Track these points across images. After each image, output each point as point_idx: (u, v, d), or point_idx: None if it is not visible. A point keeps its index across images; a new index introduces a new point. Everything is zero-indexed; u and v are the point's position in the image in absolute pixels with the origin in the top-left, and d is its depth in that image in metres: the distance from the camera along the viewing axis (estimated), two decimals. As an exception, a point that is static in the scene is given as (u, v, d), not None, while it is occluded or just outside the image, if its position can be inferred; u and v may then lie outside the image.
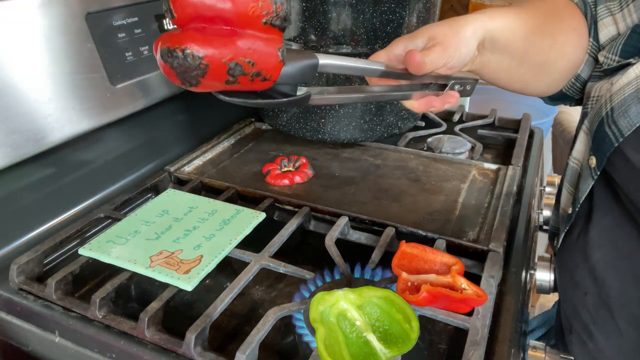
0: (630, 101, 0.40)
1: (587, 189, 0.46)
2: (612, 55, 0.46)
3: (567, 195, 0.52)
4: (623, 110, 0.40)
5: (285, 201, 0.62)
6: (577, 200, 0.48)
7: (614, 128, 0.41)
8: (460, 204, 0.61)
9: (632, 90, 0.40)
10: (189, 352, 0.41)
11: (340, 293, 0.42)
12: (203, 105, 0.83)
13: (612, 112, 0.41)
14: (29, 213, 0.58)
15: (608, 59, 0.46)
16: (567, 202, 0.52)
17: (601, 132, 0.42)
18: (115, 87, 0.62)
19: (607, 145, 0.41)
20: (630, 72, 0.42)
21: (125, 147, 0.69)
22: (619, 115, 0.40)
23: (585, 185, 0.46)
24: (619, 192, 0.44)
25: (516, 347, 0.44)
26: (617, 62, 0.45)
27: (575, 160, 0.50)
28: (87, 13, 0.59)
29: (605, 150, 0.42)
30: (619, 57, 0.45)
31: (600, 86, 0.46)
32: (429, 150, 0.78)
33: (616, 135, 0.40)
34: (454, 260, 0.47)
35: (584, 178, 0.46)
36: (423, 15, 0.71)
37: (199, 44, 0.29)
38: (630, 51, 0.44)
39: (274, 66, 0.33)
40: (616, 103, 0.41)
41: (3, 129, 0.51)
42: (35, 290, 0.49)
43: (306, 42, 0.69)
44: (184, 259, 0.49)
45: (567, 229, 0.51)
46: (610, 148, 0.41)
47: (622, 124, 0.40)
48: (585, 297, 0.48)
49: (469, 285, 0.43)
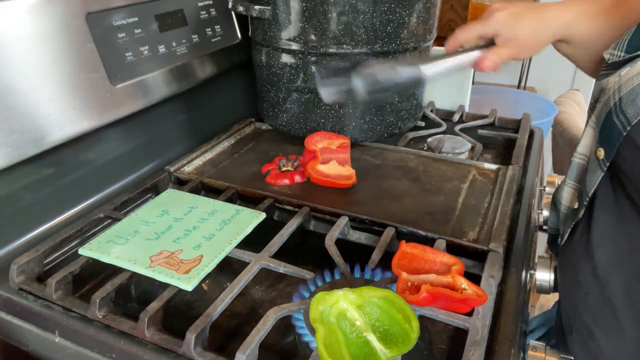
0: (639, 90, 0.39)
1: (597, 181, 0.45)
2: (617, 51, 0.46)
3: (571, 192, 0.52)
4: (631, 99, 0.40)
5: (285, 201, 0.62)
6: (584, 194, 0.47)
7: (621, 117, 0.40)
8: (460, 204, 0.61)
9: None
10: (189, 352, 0.41)
11: (340, 293, 0.42)
12: (203, 106, 0.83)
13: (621, 101, 0.41)
14: (29, 213, 0.58)
15: (614, 55, 0.46)
16: (572, 198, 0.52)
17: (609, 122, 0.42)
18: (115, 87, 0.62)
19: (616, 134, 0.41)
20: (639, 63, 0.42)
21: (125, 147, 0.69)
22: (627, 104, 0.40)
23: (594, 178, 0.45)
24: (626, 185, 0.44)
25: (516, 347, 0.44)
26: (622, 57, 0.45)
27: (581, 155, 0.50)
28: (87, 13, 0.59)
29: (614, 140, 0.41)
30: (625, 53, 0.45)
31: (608, 80, 0.46)
32: (429, 150, 0.78)
33: (624, 124, 0.40)
34: (454, 260, 0.47)
35: (592, 171, 0.46)
36: (423, 15, 0.71)
37: None
38: (636, 46, 0.44)
39: None
40: (625, 93, 0.41)
41: (3, 129, 0.51)
42: (35, 290, 0.49)
43: (306, 42, 0.69)
44: (184, 259, 0.49)
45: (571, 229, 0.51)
46: (618, 137, 0.41)
47: (630, 112, 0.39)
48: (586, 297, 0.48)
49: (469, 285, 0.43)
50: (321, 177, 0.65)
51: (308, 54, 0.70)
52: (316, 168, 0.65)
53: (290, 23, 0.69)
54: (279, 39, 0.71)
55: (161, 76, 0.69)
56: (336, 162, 0.67)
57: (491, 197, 0.63)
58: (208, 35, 0.78)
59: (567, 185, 0.52)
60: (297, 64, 0.72)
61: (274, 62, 0.74)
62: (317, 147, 0.67)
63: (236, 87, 0.90)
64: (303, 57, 0.71)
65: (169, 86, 0.71)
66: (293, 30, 0.69)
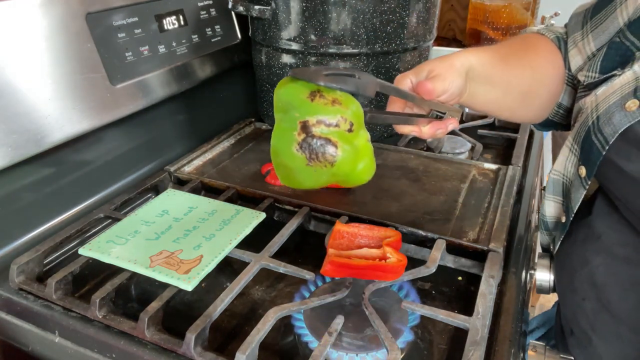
0: (614, 109, 0.40)
1: (580, 198, 0.46)
2: (591, 73, 0.47)
3: (553, 205, 0.53)
4: (607, 117, 0.40)
5: (285, 201, 0.62)
6: (570, 209, 0.48)
7: (599, 136, 0.41)
8: (460, 204, 0.61)
9: (617, 98, 0.41)
10: (189, 352, 0.41)
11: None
12: (203, 105, 0.83)
13: (598, 120, 0.42)
14: (29, 213, 0.58)
15: (588, 77, 0.48)
16: (556, 211, 0.53)
17: (588, 141, 0.43)
18: (115, 87, 0.62)
19: (595, 154, 0.42)
20: (615, 81, 0.42)
21: (125, 147, 0.69)
22: (604, 123, 0.41)
23: (577, 195, 0.46)
24: (617, 204, 0.45)
25: (516, 347, 0.44)
26: (597, 78, 0.47)
27: (557, 172, 0.51)
28: (87, 13, 0.59)
29: (594, 160, 0.42)
30: (599, 74, 0.46)
31: (585, 100, 0.47)
32: (429, 150, 0.78)
33: (602, 144, 0.41)
34: (391, 232, 0.51)
35: (576, 188, 0.46)
36: (423, 15, 0.71)
37: None
38: (609, 66, 0.46)
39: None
40: (602, 111, 0.41)
41: (3, 129, 0.51)
42: (35, 290, 0.49)
43: (306, 42, 0.69)
44: (184, 259, 0.49)
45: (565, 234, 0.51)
46: (598, 157, 0.41)
47: (607, 132, 0.40)
48: (583, 303, 0.48)
49: (392, 254, 0.46)
50: None
51: (308, 54, 0.70)
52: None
53: (290, 23, 0.69)
54: (279, 39, 0.71)
55: (161, 76, 0.69)
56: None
57: (491, 197, 0.63)
58: (208, 35, 0.78)
59: (547, 199, 0.53)
60: (297, 64, 0.72)
61: (274, 62, 0.74)
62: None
63: (236, 87, 0.90)
64: (303, 57, 0.71)
65: (169, 86, 0.71)
66: (293, 30, 0.69)
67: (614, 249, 0.46)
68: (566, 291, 0.52)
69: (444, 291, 0.53)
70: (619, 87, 0.41)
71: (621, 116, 0.39)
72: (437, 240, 0.53)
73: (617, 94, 0.41)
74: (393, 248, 0.48)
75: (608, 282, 0.46)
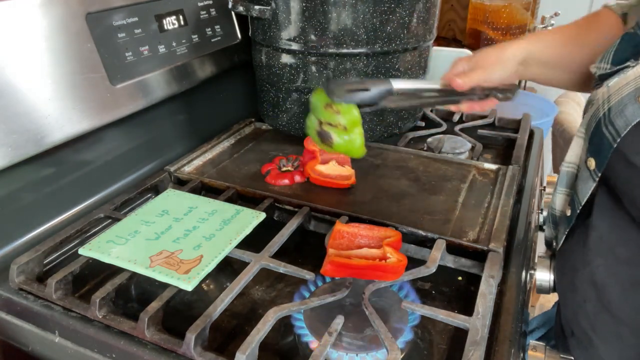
0: (627, 101, 0.40)
1: (588, 191, 0.45)
2: (604, 64, 0.47)
3: (564, 198, 0.52)
4: (620, 109, 0.40)
5: (285, 201, 0.62)
6: (576, 202, 0.47)
7: (610, 128, 0.41)
8: (460, 204, 0.61)
9: (631, 89, 0.40)
10: (189, 352, 0.41)
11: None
12: (203, 106, 0.83)
13: (610, 112, 0.41)
14: (29, 213, 0.58)
15: (600, 68, 0.47)
16: (564, 204, 0.52)
17: (599, 133, 0.42)
18: (115, 87, 0.62)
19: (606, 146, 0.41)
20: (629, 73, 0.42)
21: (125, 147, 0.69)
22: (616, 115, 0.40)
23: (585, 188, 0.45)
24: (622, 199, 0.44)
25: (516, 347, 0.44)
26: (610, 69, 0.46)
27: (569, 164, 0.50)
28: (87, 13, 0.59)
29: (604, 152, 0.42)
30: (611, 65, 0.46)
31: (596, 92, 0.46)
32: (429, 150, 0.78)
33: (613, 136, 0.40)
34: (390, 232, 0.52)
35: (584, 180, 0.46)
36: (423, 15, 0.71)
37: None
38: (622, 57, 0.45)
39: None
40: (614, 103, 0.41)
41: (3, 129, 0.51)
42: (35, 290, 0.49)
43: (306, 42, 0.69)
44: (184, 259, 0.49)
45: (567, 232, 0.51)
46: (609, 149, 0.41)
47: (619, 124, 0.40)
48: (584, 304, 0.48)
49: (392, 254, 0.47)
50: (320, 177, 0.65)
51: (308, 54, 0.70)
52: (315, 168, 0.65)
53: (290, 23, 0.69)
54: (279, 39, 0.71)
55: (161, 76, 0.69)
56: (336, 162, 0.67)
57: (491, 197, 0.63)
58: (208, 35, 0.78)
59: (559, 192, 0.53)
60: (297, 64, 0.72)
61: (274, 62, 0.74)
62: (317, 147, 0.67)
63: (236, 87, 0.90)
64: (303, 57, 0.71)
65: (169, 86, 0.71)
66: (293, 30, 0.69)
67: (615, 250, 0.46)
68: (566, 291, 0.52)
69: (444, 291, 0.53)
70: (633, 79, 0.41)
71: (635, 108, 0.39)
72: (437, 240, 0.53)
73: (630, 85, 0.40)
74: (393, 248, 0.48)
75: (609, 282, 0.46)
